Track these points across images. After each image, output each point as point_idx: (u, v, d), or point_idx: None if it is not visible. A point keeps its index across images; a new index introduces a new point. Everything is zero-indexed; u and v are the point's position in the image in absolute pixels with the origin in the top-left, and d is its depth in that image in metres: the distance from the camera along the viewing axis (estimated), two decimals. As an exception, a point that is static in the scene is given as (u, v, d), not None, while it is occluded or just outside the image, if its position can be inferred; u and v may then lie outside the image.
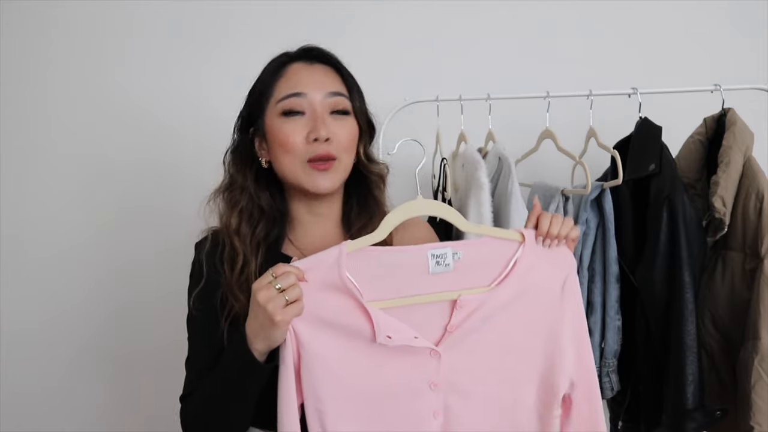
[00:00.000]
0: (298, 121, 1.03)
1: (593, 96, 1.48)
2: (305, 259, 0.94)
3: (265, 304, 0.88)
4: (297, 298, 0.89)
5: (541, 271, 1.00)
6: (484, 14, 1.84)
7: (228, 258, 1.05)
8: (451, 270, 0.97)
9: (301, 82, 1.04)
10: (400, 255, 0.97)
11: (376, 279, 0.95)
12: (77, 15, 1.84)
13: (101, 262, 1.86)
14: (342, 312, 0.93)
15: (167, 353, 1.62)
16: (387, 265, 0.96)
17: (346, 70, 1.09)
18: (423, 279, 0.96)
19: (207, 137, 1.81)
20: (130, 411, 1.88)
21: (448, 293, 0.96)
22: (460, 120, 1.53)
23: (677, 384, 1.29)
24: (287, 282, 0.89)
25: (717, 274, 1.42)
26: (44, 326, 1.87)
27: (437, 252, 0.96)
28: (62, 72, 1.85)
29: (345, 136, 1.05)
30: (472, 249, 0.98)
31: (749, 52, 1.80)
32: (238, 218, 1.07)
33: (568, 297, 1.01)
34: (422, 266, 0.96)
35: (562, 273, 1.01)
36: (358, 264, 0.94)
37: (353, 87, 1.08)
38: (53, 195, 1.86)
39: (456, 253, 0.97)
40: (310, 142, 1.02)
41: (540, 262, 1.00)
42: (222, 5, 1.84)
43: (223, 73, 1.81)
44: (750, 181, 1.36)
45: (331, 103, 1.04)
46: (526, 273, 0.99)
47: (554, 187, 1.47)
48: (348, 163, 1.07)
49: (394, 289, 0.96)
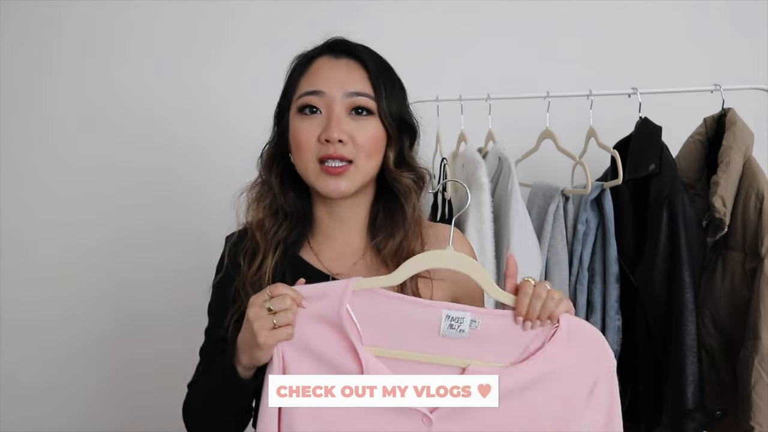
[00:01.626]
0: (314, 120, 0.98)
1: (593, 96, 1.48)
2: (310, 285, 0.89)
3: (253, 321, 0.86)
4: (287, 323, 0.86)
5: (570, 362, 0.87)
6: (484, 14, 1.84)
7: (249, 252, 1.03)
8: (466, 338, 0.87)
9: (322, 79, 0.99)
10: (412, 307, 0.88)
11: (380, 325, 0.88)
12: (78, 15, 1.84)
13: (102, 265, 1.87)
14: (333, 350, 0.87)
15: (166, 358, 1.63)
16: (395, 314, 0.88)
17: (377, 65, 1.02)
18: (431, 338, 0.87)
19: (207, 137, 1.82)
20: (129, 411, 1.88)
21: (456, 359, 0.87)
22: (460, 120, 1.53)
23: (677, 384, 1.29)
24: (280, 305, 0.85)
25: (717, 274, 1.42)
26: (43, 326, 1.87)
27: (454, 314, 0.87)
28: (63, 72, 1.85)
29: (364, 139, 0.98)
30: (493, 320, 0.88)
31: (749, 52, 1.80)
32: (262, 213, 1.04)
33: (596, 404, 0.88)
34: (433, 325, 0.87)
35: (593, 373, 0.88)
36: (365, 303, 0.88)
37: (382, 85, 1.00)
38: (54, 196, 1.87)
39: (475, 321, 0.87)
40: (322, 142, 0.97)
41: (572, 351, 0.87)
42: (223, 5, 1.84)
43: (224, 74, 1.81)
44: (750, 181, 1.36)
45: (350, 102, 0.98)
46: (550, 361, 0.87)
47: (554, 187, 1.47)
48: (368, 168, 1.00)
49: (398, 340, 0.88)
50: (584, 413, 0.87)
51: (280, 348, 0.87)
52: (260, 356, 0.87)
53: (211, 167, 1.71)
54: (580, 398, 0.87)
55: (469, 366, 0.87)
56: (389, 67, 1.05)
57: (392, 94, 1.01)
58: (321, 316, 0.87)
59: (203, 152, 1.82)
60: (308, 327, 0.87)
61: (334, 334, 0.87)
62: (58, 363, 1.88)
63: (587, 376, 0.88)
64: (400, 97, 1.03)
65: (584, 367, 0.88)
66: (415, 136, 1.06)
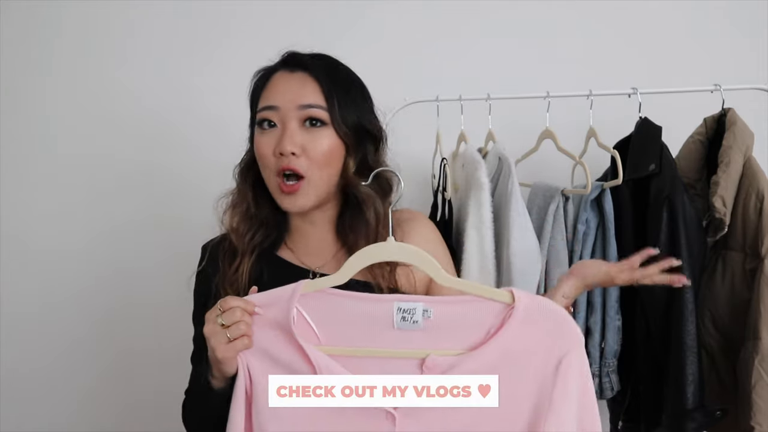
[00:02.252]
0: (270, 134, 1.02)
1: (593, 96, 1.48)
2: (262, 293, 0.91)
3: (209, 338, 0.89)
4: (241, 334, 0.87)
5: (531, 341, 0.85)
6: (484, 14, 1.84)
7: (228, 254, 1.06)
8: (421, 328, 0.86)
9: (277, 94, 1.02)
10: (363, 303, 0.88)
11: (336, 323, 0.88)
12: (79, 15, 1.84)
13: (100, 260, 1.87)
14: (289, 354, 0.88)
15: (165, 350, 1.63)
16: (348, 311, 0.88)
17: (329, 76, 1.03)
18: (386, 332, 0.87)
19: (207, 138, 1.83)
20: (128, 400, 1.89)
21: (413, 351, 0.87)
22: (460, 120, 1.53)
23: (677, 384, 1.29)
24: (231, 319, 0.87)
25: (717, 274, 1.42)
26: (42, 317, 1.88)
27: (405, 306, 0.86)
28: (64, 70, 1.86)
29: (317, 150, 1.00)
30: (447, 308, 0.87)
31: (749, 52, 1.80)
32: (237, 218, 1.07)
33: (564, 379, 0.84)
34: (387, 318, 0.87)
35: (558, 349, 0.85)
36: (318, 305, 0.89)
37: (335, 96, 1.02)
38: (54, 193, 1.87)
39: (427, 311, 0.86)
40: (276, 155, 1.00)
41: (532, 330, 0.85)
42: (224, 5, 1.84)
43: (224, 74, 1.81)
44: (750, 181, 1.36)
45: (303, 114, 1.01)
46: (510, 342, 0.85)
47: (554, 187, 1.47)
48: (323, 180, 1.02)
49: (354, 337, 0.88)
50: (553, 391, 0.84)
51: (243, 358, 0.89)
52: (225, 369, 0.89)
53: (211, 167, 1.72)
54: (548, 376, 0.85)
55: (428, 356, 0.86)
56: (346, 77, 1.06)
57: (347, 104, 1.03)
58: (274, 322, 0.89)
59: (203, 153, 1.82)
60: (264, 334, 0.89)
61: (286, 337, 0.88)
62: (57, 353, 1.88)
63: (554, 351, 0.85)
64: (360, 105, 1.05)
65: (550, 342, 0.85)
66: (378, 142, 1.08)
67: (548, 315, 0.86)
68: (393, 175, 1.06)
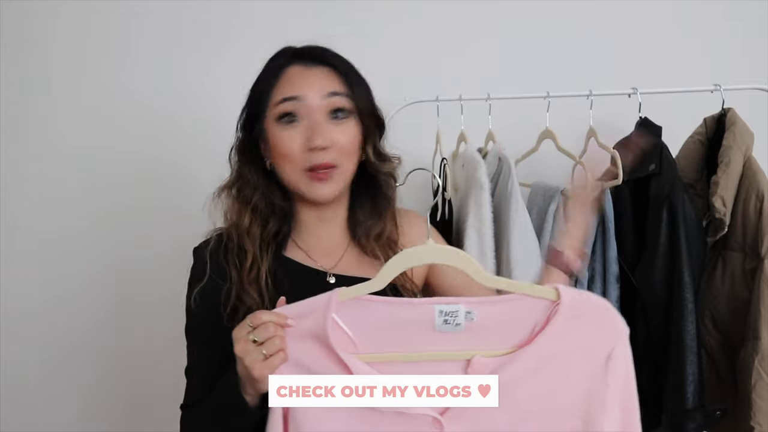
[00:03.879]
0: (296, 128, 1.00)
1: (593, 96, 1.48)
2: (294, 304, 0.87)
3: (242, 357, 0.84)
4: (277, 350, 0.84)
5: (579, 337, 0.83)
6: (484, 14, 1.84)
7: (235, 256, 1.03)
8: (462, 330, 0.84)
9: (298, 85, 1.01)
10: (401, 308, 0.86)
11: (374, 330, 0.85)
12: (81, 12, 1.85)
13: (102, 257, 1.87)
14: (327, 365, 0.85)
15: (164, 349, 1.63)
16: (386, 317, 0.85)
17: (346, 67, 1.05)
18: (428, 336, 0.84)
19: (212, 135, 1.82)
20: (126, 400, 1.89)
21: (458, 353, 0.84)
22: (460, 120, 1.53)
23: (677, 384, 1.29)
24: (265, 334, 0.84)
25: (717, 274, 1.42)
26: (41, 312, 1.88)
27: (446, 309, 0.84)
28: (66, 66, 1.85)
29: (346, 141, 1.01)
30: (490, 308, 0.84)
31: (749, 52, 1.80)
32: (249, 217, 1.04)
33: (615, 372, 0.84)
34: (428, 322, 0.84)
35: (608, 342, 0.84)
36: (355, 313, 0.86)
37: (355, 84, 1.04)
38: (56, 191, 1.87)
39: (469, 312, 0.83)
40: (307, 150, 0.99)
41: (579, 325, 0.83)
42: (227, 4, 1.84)
43: (226, 72, 1.80)
44: (750, 181, 1.36)
45: (330, 103, 1.01)
46: (557, 338, 0.83)
47: (554, 187, 1.47)
48: (349, 169, 1.04)
49: (394, 343, 0.85)
50: (606, 382, 0.84)
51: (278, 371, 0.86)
52: (261, 387, 0.87)
53: (216, 165, 1.73)
54: (599, 367, 0.84)
55: (474, 357, 0.84)
56: (352, 66, 1.08)
57: (365, 93, 1.05)
58: (309, 333, 0.86)
59: (208, 150, 1.80)
60: (298, 346, 0.86)
61: (322, 348, 0.85)
62: (56, 349, 1.88)
63: (603, 343, 0.84)
64: (369, 93, 1.07)
65: (598, 335, 0.84)
66: (383, 129, 1.10)
67: (593, 309, 0.85)
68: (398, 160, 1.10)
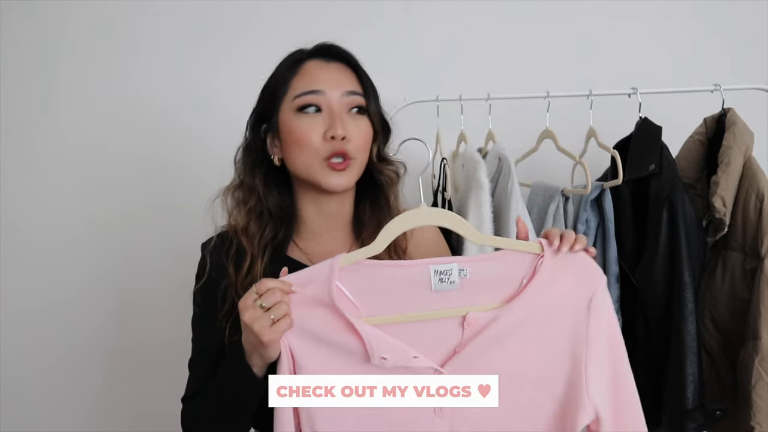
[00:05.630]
0: (316, 118, 1.02)
1: (593, 96, 1.48)
2: (296, 273, 0.90)
3: (251, 324, 0.86)
4: (284, 314, 0.87)
5: (562, 286, 0.89)
6: (484, 14, 1.84)
7: (234, 257, 1.05)
8: (457, 288, 0.89)
9: (319, 80, 1.03)
10: (399, 270, 0.90)
11: (374, 294, 0.89)
12: (91, 12, 1.85)
13: (105, 256, 1.87)
14: (334, 329, 0.88)
15: (167, 348, 1.63)
16: (384, 279, 0.89)
17: (362, 69, 1.08)
18: (425, 296, 0.89)
19: (218, 136, 1.82)
20: (128, 403, 1.89)
21: (453, 310, 0.89)
22: (460, 120, 1.53)
23: (677, 384, 1.29)
24: (272, 299, 0.86)
25: (717, 274, 1.42)
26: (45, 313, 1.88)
27: (441, 268, 0.88)
28: (73, 65, 1.86)
29: (360, 136, 1.04)
30: (481, 265, 0.89)
31: (749, 52, 1.80)
32: (246, 217, 1.06)
33: (596, 316, 0.89)
34: (424, 282, 0.89)
35: (588, 288, 0.90)
36: (355, 278, 0.89)
37: (369, 87, 1.07)
38: (59, 189, 1.88)
39: (462, 270, 0.88)
40: (327, 139, 1.01)
41: (562, 275, 0.90)
42: (240, 4, 1.85)
43: (234, 74, 1.82)
44: (750, 181, 1.36)
45: (348, 101, 1.04)
46: (544, 288, 0.89)
47: (554, 187, 1.47)
48: (363, 163, 1.06)
49: (394, 305, 0.89)
50: (588, 326, 0.89)
51: (285, 340, 0.89)
52: (270, 353, 0.89)
53: (222, 166, 1.75)
54: (581, 313, 0.89)
55: (468, 313, 0.88)
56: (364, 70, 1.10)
57: (376, 96, 1.08)
58: (314, 299, 0.89)
59: (215, 151, 1.81)
60: (304, 312, 0.89)
61: (329, 313, 0.88)
62: (60, 350, 1.88)
63: (584, 290, 0.90)
64: (378, 96, 1.10)
65: (579, 283, 0.90)
66: (389, 134, 1.12)
67: (574, 258, 0.91)
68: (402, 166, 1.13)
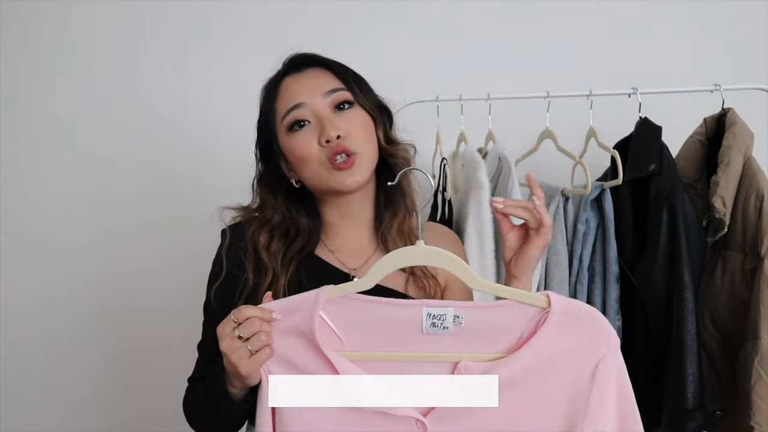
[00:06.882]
0: (308, 131, 1.03)
1: (593, 96, 1.48)
2: (283, 300, 0.88)
3: (229, 354, 0.84)
4: (262, 345, 0.84)
5: (565, 347, 0.82)
6: (484, 14, 1.84)
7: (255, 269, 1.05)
8: (450, 334, 0.84)
9: (296, 93, 1.04)
10: (391, 308, 0.85)
11: (361, 328, 0.85)
12: (87, 14, 1.85)
13: (104, 257, 1.88)
14: (309, 360, 0.85)
15: (166, 348, 1.64)
16: (374, 315, 0.85)
17: (336, 64, 1.08)
18: (415, 337, 0.84)
19: (215, 137, 1.84)
20: (128, 402, 1.89)
21: (445, 354, 0.84)
22: (460, 120, 1.53)
23: (677, 384, 1.29)
24: (250, 330, 0.83)
25: (717, 274, 1.42)
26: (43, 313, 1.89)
27: (435, 312, 0.83)
28: (71, 68, 1.87)
29: (357, 129, 1.03)
30: (478, 313, 0.84)
31: (749, 52, 1.80)
32: (269, 235, 1.06)
33: (602, 384, 0.82)
34: (415, 323, 0.84)
35: (595, 353, 0.83)
36: (343, 311, 0.86)
37: (349, 78, 1.07)
38: (59, 190, 1.88)
39: (458, 317, 0.83)
40: (322, 145, 1.02)
41: (567, 334, 0.83)
42: (235, 6, 1.85)
43: (231, 74, 1.82)
44: (750, 181, 1.36)
45: (331, 100, 1.04)
46: (545, 346, 0.82)
47: (554, 187, 1.47)
48: (371, 154, 1.05)
49: (382, 343, 0.85)
50: (589, 395, 0.82)
51: (265, 366, 0.86)
52: (249, 382, 0.87)
53: (220, 170, 1.76)
54: (584, 379, 0.83)
55: (461, 361, 0.84)
56: (344, 64, 1.10)
57: (360, 83, 1.08)
58: (295, 329, 0.86)
59: (212, 156, 1.84)
60: (286, 341, 0.86)
61: (308, 344, 0.85)
62: (58, 349, 1.89)
63: (590, 353, 0.83)
64: (365, 83, 1.10)
65: (586, 345, 0.83)
66: (391, 117, 1.13)
67: (584, 318, 0.84)
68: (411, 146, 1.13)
